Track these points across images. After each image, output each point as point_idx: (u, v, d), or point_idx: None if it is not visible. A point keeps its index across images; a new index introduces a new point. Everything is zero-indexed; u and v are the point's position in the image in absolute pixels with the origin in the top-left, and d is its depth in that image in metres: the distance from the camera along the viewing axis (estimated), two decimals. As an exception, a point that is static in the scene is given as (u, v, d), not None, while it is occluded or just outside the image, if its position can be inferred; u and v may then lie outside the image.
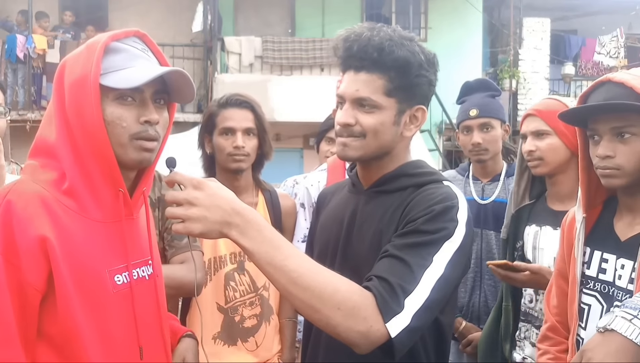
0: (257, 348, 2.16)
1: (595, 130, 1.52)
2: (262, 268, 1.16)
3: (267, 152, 2.22)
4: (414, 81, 1.40)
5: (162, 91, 1.29)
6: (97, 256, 1.22)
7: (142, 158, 1.25)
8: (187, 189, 1.15)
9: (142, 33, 1.31)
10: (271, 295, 2.22)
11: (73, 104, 1.22)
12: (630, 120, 1.46)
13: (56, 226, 1.17)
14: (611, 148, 1.49)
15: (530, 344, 2.13)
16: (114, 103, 1.22)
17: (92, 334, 1.18)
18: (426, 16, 12.19)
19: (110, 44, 1.24)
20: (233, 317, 2.14)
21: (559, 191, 2.14)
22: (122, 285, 1.25)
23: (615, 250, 1.55)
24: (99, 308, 1.21)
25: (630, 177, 1.49)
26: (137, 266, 1.31)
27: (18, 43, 10.15)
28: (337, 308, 1.15)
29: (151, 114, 1.24)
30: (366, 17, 11.86)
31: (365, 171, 1.50)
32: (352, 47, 1.38)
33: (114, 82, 1.20)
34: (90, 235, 1.22)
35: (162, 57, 1.34)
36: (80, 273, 1.18)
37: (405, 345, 1.20)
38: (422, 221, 1.30)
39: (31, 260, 1.13)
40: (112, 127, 1.22)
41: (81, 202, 1.22)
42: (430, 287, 1.23)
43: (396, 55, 1.36)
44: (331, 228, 1.53)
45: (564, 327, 1.73)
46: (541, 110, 2.11)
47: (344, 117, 1.40)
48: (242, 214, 1.15)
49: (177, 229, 1.15)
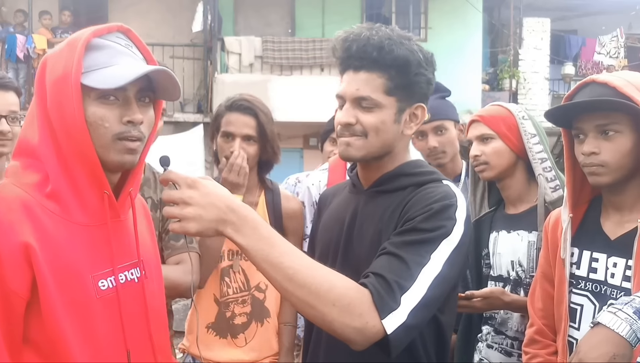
0: (246, 344, 2.18)
1: (580, 129, 1.55)
2: (258, 265, 1.16)
3: (271, 157, 2.22)
4: (413, 80, 1.41)
5: (147, 88, 1.24)
6: (81, 261, 1.19)
7: (124, 160, 1.22)
8: (181, 189, 1.15)
9: (125, 28, 1.27)
10: (268, 298, 2.23)
11: (54, 103, 1.19)
12: (614, 118, 1.49)
13: (39, 231, 1.13)
14: (596, 145, 1.52)
15: (487, 346, 2.16)
16: (95, 103, 1.18)
17: (77, 339, 1.16)
18: (426, 16, 12.19)
19: (92, 40, 1.20)
20: (225, 312, 2.18)
21: (509, 196, 2.18)
22: (107, 290, 1.22)
23: (606, 249, 1.56)
24: (84, 313, 1.18)
25: (616, 174, 1.52)
26: (125, 269, 1.28)
27: (18, 43, 10.16)
28: (333, 304, 1.15)
29: (134, 114, 1.20)
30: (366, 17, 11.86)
31: (365, 171, 1.50)
32: (352, 47, 1.38)
33: (95, 81, 1.16)
34: (75, 240, 1.19)
35: (148, 53, 1.30)
36: (64, 279, 1.15)
37: (402, 342, 1.20)
38: (420, 219, 1.31)
39: (14, 267, 1.10)
40: (94, 128, 1.18)
41: (65, 205, 1.18)
42: (427, 285, 1.23)
43: (396, 53, 1.37)
44: (332, 229, 1.54)
45: (551, 329, 1.74)
46: (484, 116, 2.16)
47: (345, 116, 1.41)
48: (237, 212, 1.15)
49: (173, 228, 1.15)
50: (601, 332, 1.26)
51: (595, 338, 1.26)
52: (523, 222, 2.10)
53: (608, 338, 1.24)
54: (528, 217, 2.08)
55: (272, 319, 2.24)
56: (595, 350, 1.24)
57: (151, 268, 1.38)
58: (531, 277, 2.00)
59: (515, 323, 2.09)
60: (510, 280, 2.10)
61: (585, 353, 1.25)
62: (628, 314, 1.25)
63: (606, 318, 1.26)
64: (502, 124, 2.12)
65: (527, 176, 2.14)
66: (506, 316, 2.11)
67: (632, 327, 1.23)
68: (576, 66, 13.22)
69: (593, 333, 1.28)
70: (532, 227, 2.05)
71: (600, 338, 1.25)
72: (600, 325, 1.27)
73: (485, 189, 2.30)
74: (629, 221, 1.54)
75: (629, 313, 1.25)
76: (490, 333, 2.17)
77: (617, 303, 1.30)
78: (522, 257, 2.07)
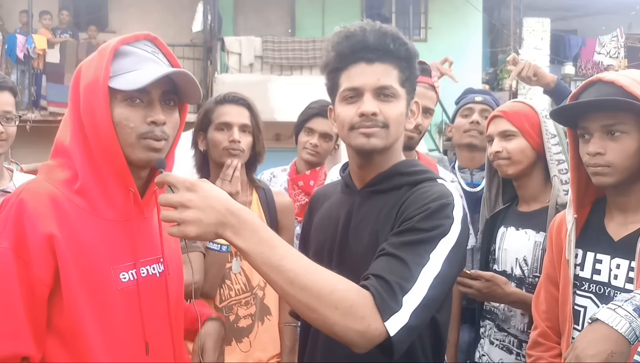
0: (250, 348, 2.14)
1: (586, 128, 1.53)
2: (258, 268, 1.15)
3: (260, 152, 2.21)
4: (415, 73, 1.44)
5: (172, 92, 1.32)
6: (103, 254, 1.26)
7: (149, 157, 1.29)
8: (180, 192, 1.14)
9: (152, 36, 1.35)
10: (267, 295, 2.20)
11: (86, 106, 1.28)
12: (620, 118, 1.47)
13: (64, 224, 1.22)
14: (602, 145, 1.49)
15: (489, 342, 2.15)
16: (122, 104, 1.27)
17: (96, 328, 1.22)
18: (426, 16, 12.19)
19: (121, 47, 1.29)
20: (228, 317, 2.12)
21: (524, 194, 2.16)
22: (127, 282, 1.29)
23: (609, 250, 1.55)
24: (104, 303, 1.25)
25: (621, 175, 1.50)
26: (147, 263, 1.34)
27: (18, 43, 10.15)
28: (335, 307, 1.14)
29: (157, 114, 1.28)
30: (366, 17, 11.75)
31: (361, 170, 1.49)
32: (368, 38, 1.38)
33: (120, 84, 1.25)
34: (99, 233, 1.26)
35: (174, 59, 1.37)
36: (86, 270, 1.23)
37: (404, 344, 1.19)
38: (418, 219, 1.30)
39: (40, 255, 1.19)
40: (121, 128, 1.27)
41: (92, 201, 1.27)
42: (428, 285, 1.22)
43: (408, 45, 1.41)
44: (326, 230, 1.52)
45: (555, 332, 1.72)
46: (508, 112, 2.13)
47: (371, 106, 1.38)
48: (237, 215, 1.14)
49: (172, 232, 1.14)
50: (599, 329, 1.22)
51: (593, 335, 1.22)
52: (533, 221, 2.08)
53: (606, 335, 1.20)
54: (538, 217, 2.06)
55: (273, 317, 2.22)
56: (592, 347, 1.20)
57: (173, 266, 1.44)
58: (534, 277, 1.99)
59: (518, 322, 2.08)
60: (514, 276, 2.09)
61: (582, 350, 1.21)
62: (628, 311, 1.22)
63: (605, 314, 1.23)
64: (526, 122, 2.10)
65: (544, 176, 2.11)
66: (509, 314, 2.10)
67: (632, 324, 1.20)
68: (576, 66, 13.21)
69: (591, 330, 1.24)
70: (541, 227, 2.03)
71: (598, 335, 1.21)
72: (599, 321, 1.23)
73: (499, 185, 2.28)
74: (633, 223, 1.52)
75: (629, 311, 1.22)
76: (493, 328, 2.16)
77: (617, 299, 1.27)
78: (527, 256, 2.06)
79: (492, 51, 13.22)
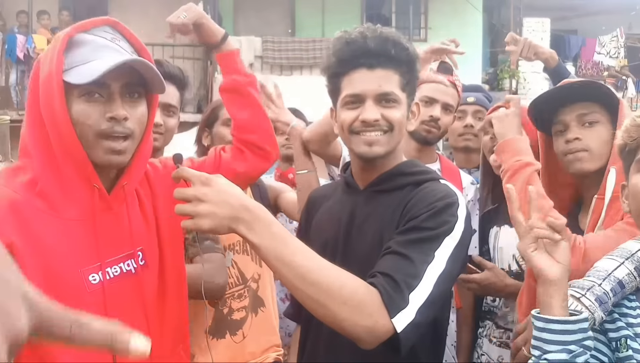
0: (244, 339, 2.14)
1: (562, 121, 1.65)
2: (269, 263, 1.17)
3: None
4: (415, 75, 1.45)
5: (137, 83, 1.20)
6: (68, 256, 1.18)
7: (111, 160, 1.20)
8: (195, 186, 1.15)
9: (113, 20, 1.23)
10: (261, 287, 2.21)
11: (44, 103, 1.17)
12: (594, 108, 1.62)
13: (24, 230, 1.13)
14: (579, 132, 1.62)
15: (488, 341, 2.16)
16: (79, 100, 1.16)
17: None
18: (426, 16, 12.20)
19: (76, 36, 1.18)
20: (222, 310, 2.13)
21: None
22: (98, 283, 1.21)
23: None
24: (73, 307, 1.17)
25: (599, 161, 1.59)
26: (119, 261, 1.26)
27: (18, 43, 10.16)
28: (344, 303, 1.15)
29: (116, 109, 1.17)
30: (366, 17, 11.86)
31: (364, 171, 1.50)
32: (369, 44, 1.39)
33: (73, 77, 1.14)
34: (63, 236, 1.18)
35: (139, 44, 1.26)
36: (51, 275, 1.15)
37: (411, 340, 1.20)
38: (424, 217, 1.31)
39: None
40: (79, 125, 1.16)
41: (53, 202, 1.18)
42: (433, 282, 1.24)
43: (409, 50, 1.42)
44: (328, 230, 1.53)
45: None
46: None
47: (372, 114, 1.40)
48: (251, 210, 1.15)
49: (186, 225, 1.14)
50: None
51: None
52: None
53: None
54: None
55: (267, 308, 2.21)
56: None
57: (153, 256, 1.34)
58: None
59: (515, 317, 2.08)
60: (512, 273, 2.10)
61: None
62: (591, 301, 1.22)
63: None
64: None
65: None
66: (506, 310, 2.12)
67: (594, 314, 1.21)
68: (576, 66, 13.23)
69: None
70: None
71: None
72: None
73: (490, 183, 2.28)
74: None
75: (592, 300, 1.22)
76: (492, 327, 2.17)
77: (576, 287, 1.26)
78: None
79: (492, 51, 13.23)
